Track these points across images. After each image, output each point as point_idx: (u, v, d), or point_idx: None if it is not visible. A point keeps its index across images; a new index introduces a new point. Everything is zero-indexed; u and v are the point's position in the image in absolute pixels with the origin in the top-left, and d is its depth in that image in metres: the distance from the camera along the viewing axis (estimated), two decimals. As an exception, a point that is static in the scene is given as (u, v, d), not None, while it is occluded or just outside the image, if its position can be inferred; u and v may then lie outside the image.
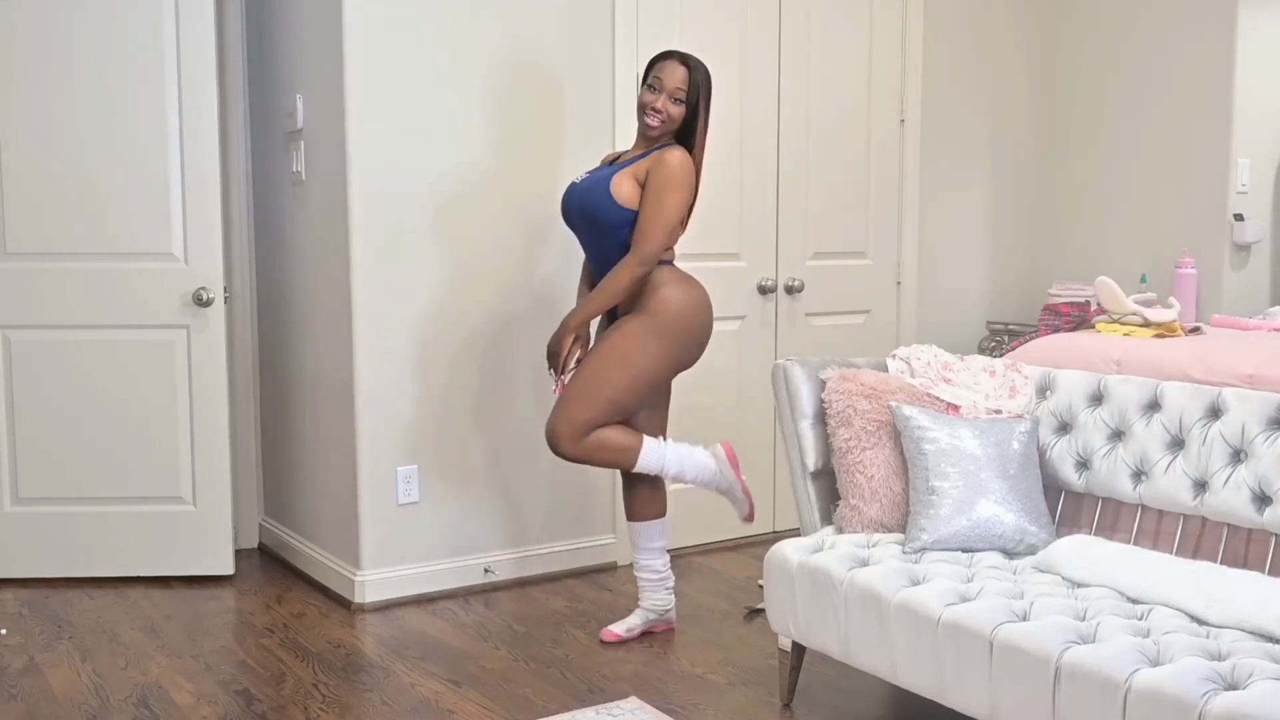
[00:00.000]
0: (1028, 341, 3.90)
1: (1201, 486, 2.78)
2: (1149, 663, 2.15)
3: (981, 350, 5.03)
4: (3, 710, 3.03)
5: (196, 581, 4.14)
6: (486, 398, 4.03)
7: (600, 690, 3.17)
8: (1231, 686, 2.05)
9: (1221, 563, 2.73)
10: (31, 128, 3.96)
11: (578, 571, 4.21)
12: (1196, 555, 2.79)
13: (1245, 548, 2.73)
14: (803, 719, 2.99)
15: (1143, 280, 4.59)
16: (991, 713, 2.37)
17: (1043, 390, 3.19)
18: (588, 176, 3.43)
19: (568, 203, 3.45)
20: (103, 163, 3.98)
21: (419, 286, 3.88)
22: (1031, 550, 2.87)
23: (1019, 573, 2.73)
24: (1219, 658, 2.18)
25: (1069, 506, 3.09)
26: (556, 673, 3.29)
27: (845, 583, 2.71)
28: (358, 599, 3.85)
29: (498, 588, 4.04)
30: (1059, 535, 3.01)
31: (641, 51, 4.19)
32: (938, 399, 3.14)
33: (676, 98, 3.32)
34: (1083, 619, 2.39)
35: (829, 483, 3.17)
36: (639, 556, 3.57)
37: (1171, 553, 2.83)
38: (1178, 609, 2.44)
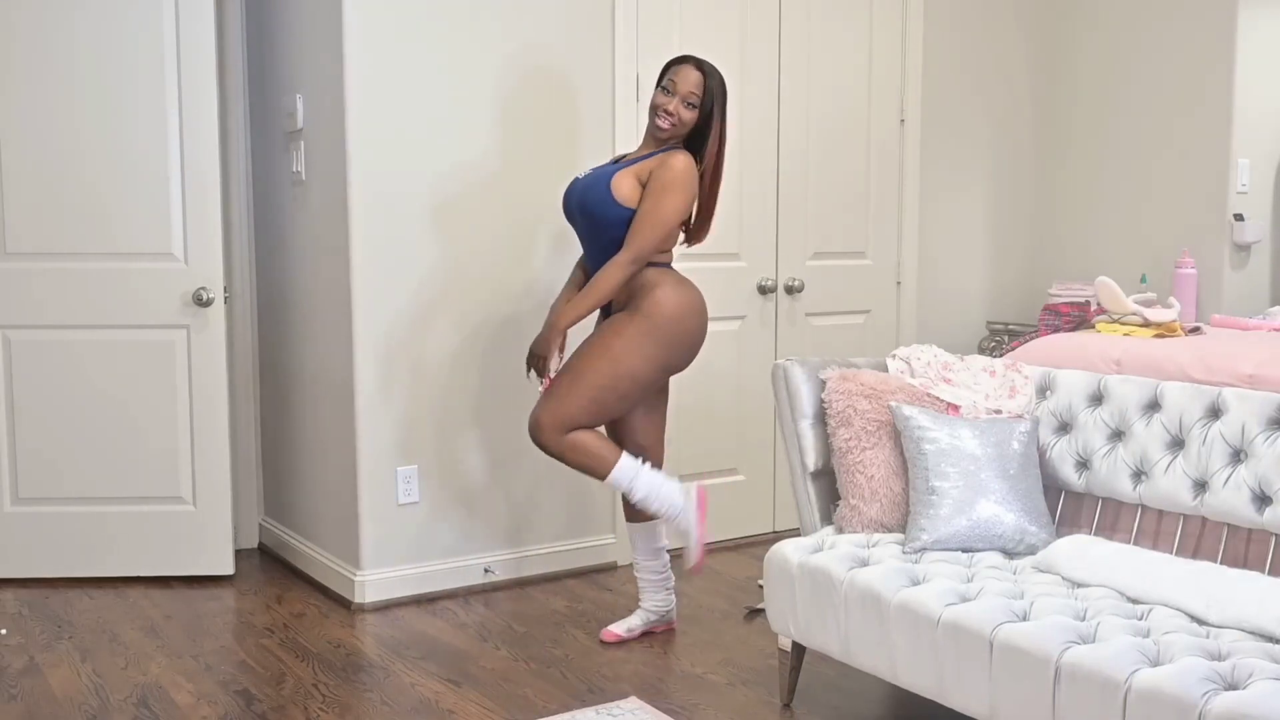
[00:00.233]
0: (1028, 341, 3.90)
1: (1201, 486, 2.78)
2: (1149, 663, 2.15)
3: (981, 350, 5.03)
4: (3, 710, 3.03)
5: (196, 581, 4.14)
6: (486, 398, 4.03)
7: (600, 690, 3.17)
8: (1231, 686, 2.05)
9: (1221, 563, 2.73)
10: (31, 128, 3.96)
11: (578, 571, 4.21)
12: (1196, 555, 2.79)
13: (1245, 548, 2.73)
14: (803, 719, 2.99)
15: (1143, 280, 4.59)
16: (991, 713, 2.37)
17: (1043, 390, 3.19)
18: (591, 173, 3.44)
19: (569, 197, 3.45)
20: (103, 163, 3.99)
21: (419, 286, 3.88)
22: (1031, 550, 2.87)
23: (1019, 573, 2.73)
24: (1219, 658, 2.18)
25: (1069, 506, 3.09)
26: (556, 673, 3.29)
27: (845, 583, 2.71)
28: (358, 599, 3.85)
29: (498, 588, 4.04)
30: (1059, 535, 3.01)
31: (642, 51, 4.19)
32: (938, 399, 3.14)
33: (690, 102, 3.31)
34: (1083, 619, 2.39)
35: (829, 483, 3.17)
36: (639, 557, 3.57)
37: (1171, 553, 2.83)
38: (1178, 609, 2.44)
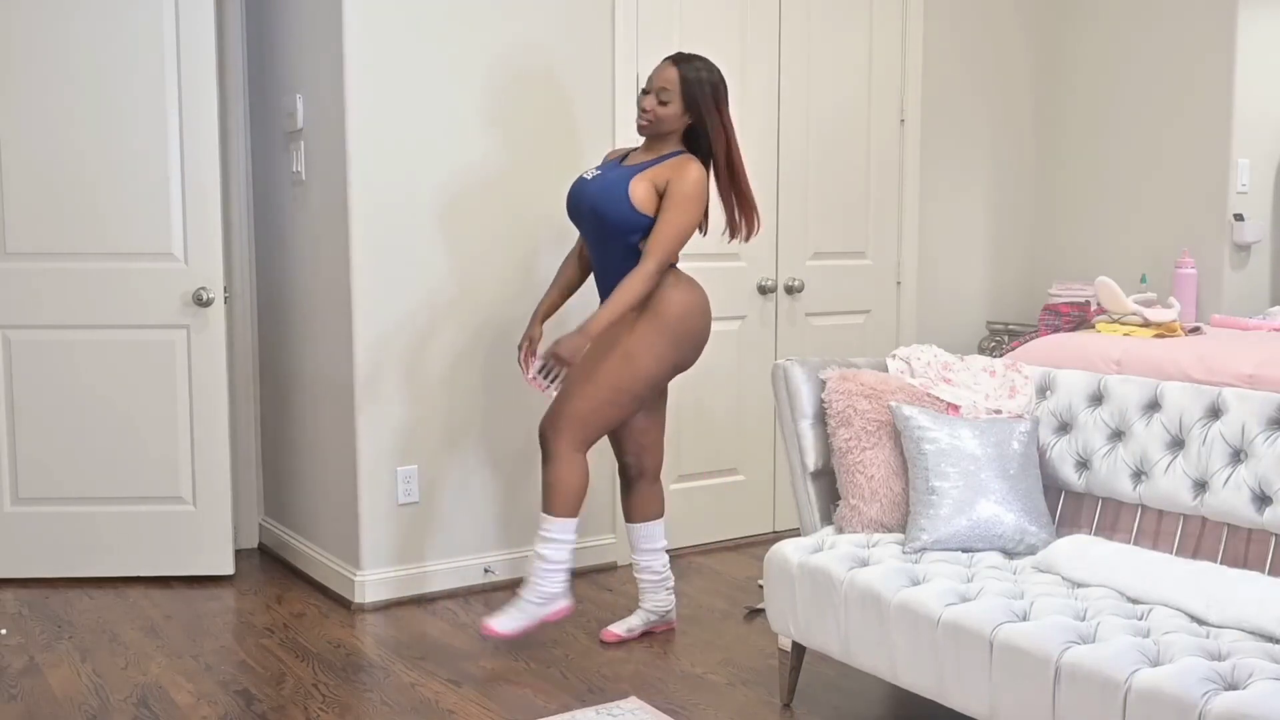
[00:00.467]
0: (1028, 341, 3.90)
1: (1201, 486, 2.78)
2: (1149, 663, 2.15)
3: (981, 350, 5.03)
4: (3, 710, 3.03)
5: (196, 581, 4.14)
6: (487, 398, 4.03)
7: (600, 690, 3.17)
8: (1231, 686, 2.05)
9: (1221, 563, 2.73)
10: (31, 128, 3.96)
11: (578, 571, 4.20)
12: (1196, 555, 2.79)
13: (1245, 548, 2.73)
14: (803, 719, 2.99)
15: (1143, 280, 4.59)
16: (991, 713, 2.37)
17: (1043, 390, 3.19)
18: (600, 174, 3.41)
19: (578, 199, 3.43)
20: (103, 163, 3.98)
21: (419, 286, 3.88)
22: (1031, 550, 2.87)
23: (1019, 573, 2.73)
24: (1219, 658, 2.18)
25: (1069, 506, 3.09)
26: (556, 673, 3.29)
27: (845, 583, 2.71)
28: (358, 599, 3.85)
29: (498, 588, 4.04)
30: (1059, 535, 3.01)
31: (641, 51, 4.19)
32: (938, 399, 3.14)
33: (662, 98, 3.31)
34: (1083, 619, 2.39)
35: (829, 483, 3.17)
36: (638, 557, 3.57)
37: (1171, 553, 2.83)
38: (1178, 609, 2.44)
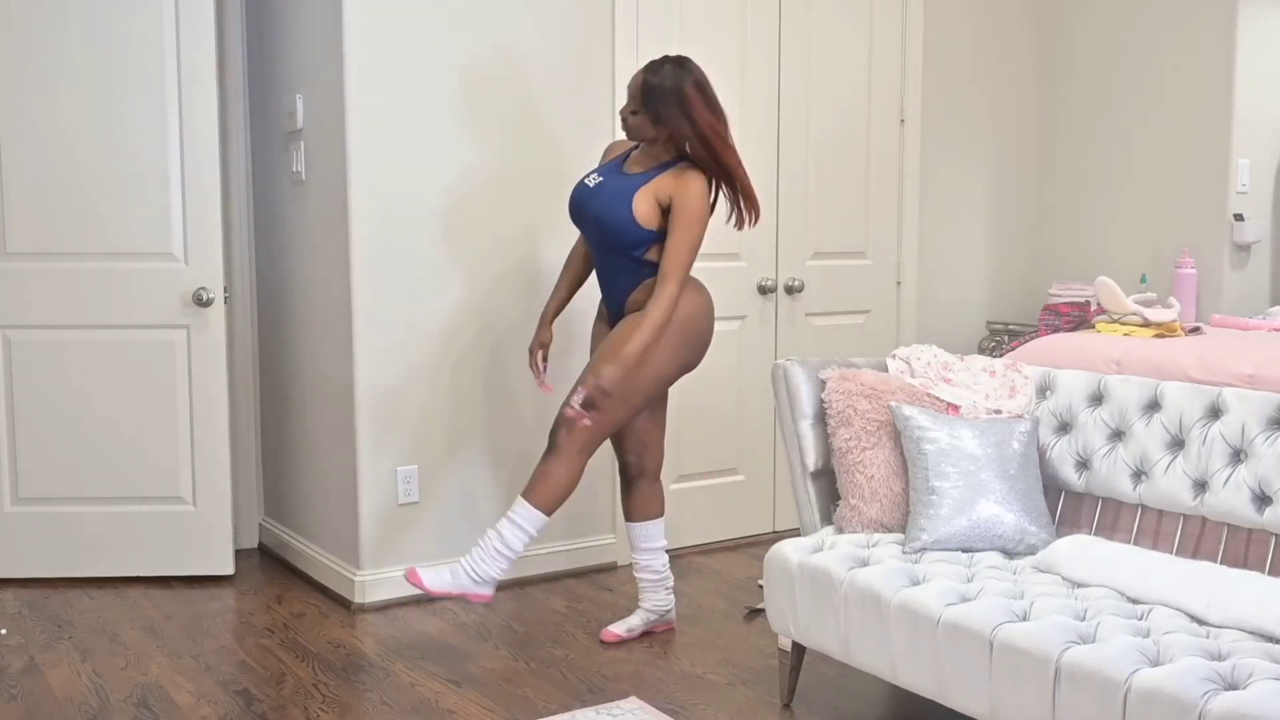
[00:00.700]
0: (1028, 341, 3.90)
1: (1201, 486, 2.78)
2: (1149, 663, 2.15)
3: (981, 350, 5.03)
4: (3, 710, 3.03)
5: (196, 581, 4.14)
6: (487, 397, 4.03)
7: (600, 690, 3.17)
8: (1231, 686, 2.05)
9: (1221, 563, 2.73)
10: (32, 128, 3.96)
11: (578, 571, 4.21)
12: (1196, 555, 2.79)
13: (1245, 548, 2.72)
14: (803, 719, 2.99)
15: (1143, 280, 4.59)
16: (991, 713, 2.37)
17: (1043, 390, 3.19)
18: (602, 183, 3.40)
19: (580, 207, 3.42)
20: (103, 163, 3.98)
21: (419, 286, 3.88)
22: (1031, 550, 2.87)
23: (1019, 573, 2.73)
24: (1219, 658, 2.18)
25: (1069, 506, 3.09)
26: (556, 673, 3.29)
27: (845, 583, 2.71)
28: (358, 599, 3.85)
29: (498, 588, 4.03)
30: (1059, 535, 3.01)
31: (642, 51, 4.19)
32: (938, 399, 3.14)
33: (632, 108, 3.32)
34: (1083, 619, 2.39)
35: (829, 483, 3.17)
36: (638, 557, 3.57)
37: (1171, 553, 2.83)
38: (1178, 609, 2.44)
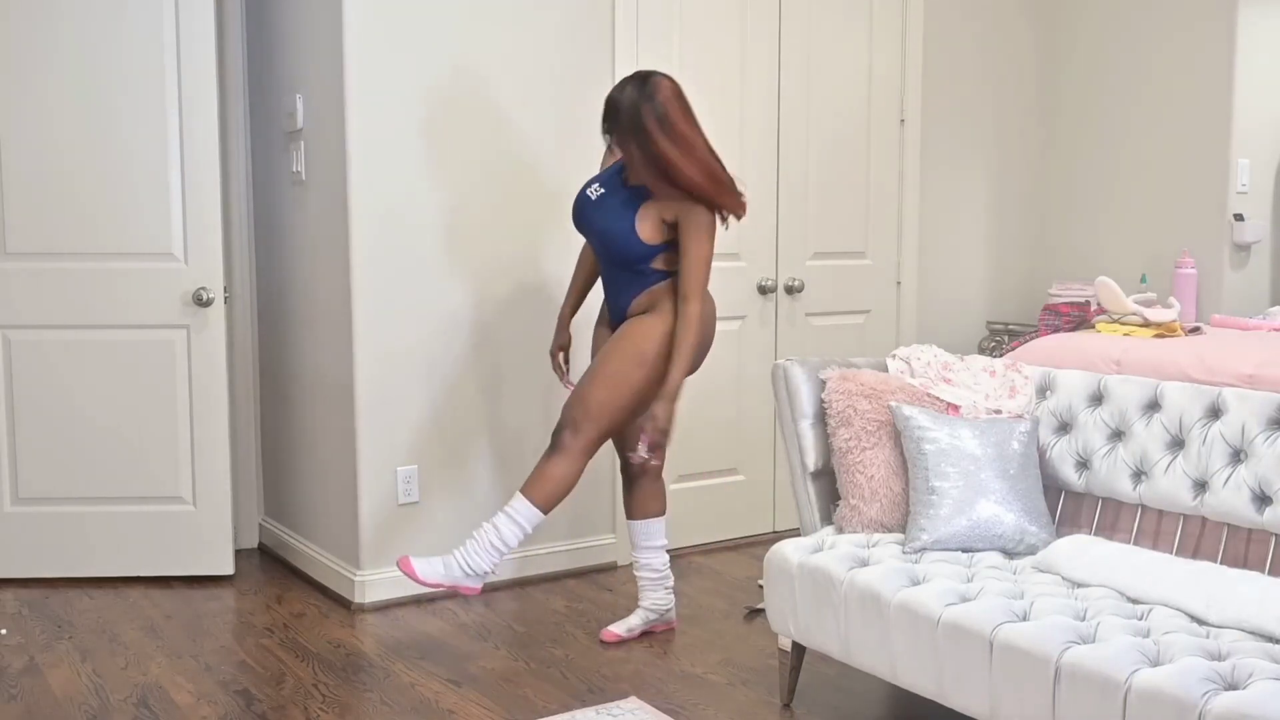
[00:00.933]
0: (1028, 341, 3.90)
1: (1201, 486, 2.78)
2: (1149, 663, 2.15)
3: (981, 350, 5.03)
4: (3, 710, 3.03)
5: (196, 581, 4.14)
6: (487, 397, 4.03)
7: (600, 690, 3.17)
8: (1231, 686, 2.05)
9: (1221, 563, 2.73)
10: (32, 128, 3.96)
11: (578, 571, 4.21)
12: (1196, 555, 2.79)
13: (1245, 548, 2.73)
14: (803, 719, 2.99)
15: (1143, 280, 4.59)
16: (991, 713, 2.37)
17: (1043, 390, 3.19)
18: (603, 194, 3.38)
19: (583, 219, 3.41)
20: (103, 162, 3.98)
21: (419, 286, 3.88)
22: (1031, 550, 2.87)
23: (1019, 573, 2.73)
24: (1219, 658, 2.18)
25: (1069, 506, 3.09)
26: (556, 673, 3.29)
27: (845, 583, 2.71)
28: (358, 599, 3.85)
29: (498, 588, 4.04)
30: (1059, 535, 3.01)
31: (641, 51, 4.19)
32: (938, 399, 3.14)
33: (604, 127, 3.29)
34: (1083, 619, 2.39)
35: (829, 483, 3.17)
36: (639, 555, 3.57)
37: (1171, 553, 2.83)
38: (1178, 609, 2.44)
